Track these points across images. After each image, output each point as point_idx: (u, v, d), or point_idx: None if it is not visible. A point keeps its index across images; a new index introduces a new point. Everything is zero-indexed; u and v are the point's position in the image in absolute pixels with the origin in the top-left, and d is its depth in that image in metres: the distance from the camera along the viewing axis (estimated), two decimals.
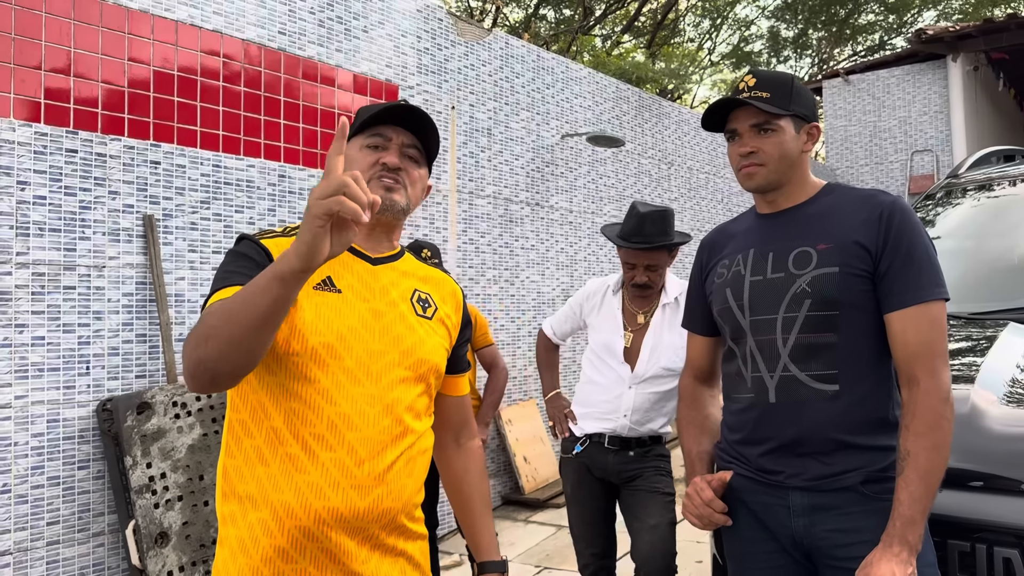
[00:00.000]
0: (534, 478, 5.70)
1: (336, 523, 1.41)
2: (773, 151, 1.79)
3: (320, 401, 1.42)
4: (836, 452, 1.71)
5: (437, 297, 1.66)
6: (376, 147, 1.54)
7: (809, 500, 1.73)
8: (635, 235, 2.84)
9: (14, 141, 3.21)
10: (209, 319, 1.26)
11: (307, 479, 1.40)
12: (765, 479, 1.79)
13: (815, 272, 1.73)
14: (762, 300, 1.80)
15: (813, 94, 1.87)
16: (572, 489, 2.99)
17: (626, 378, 2.88)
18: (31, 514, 3.22)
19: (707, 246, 2.03)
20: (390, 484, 1.47)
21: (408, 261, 1.66)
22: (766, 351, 1.78)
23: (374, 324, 1.50)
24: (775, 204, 1.87)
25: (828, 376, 1.72)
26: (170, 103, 3.72)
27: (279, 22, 4.22)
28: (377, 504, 1.45)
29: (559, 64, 6.44)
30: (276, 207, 4.17)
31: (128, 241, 3.56)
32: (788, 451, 1.75)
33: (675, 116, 8.02)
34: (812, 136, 1.83)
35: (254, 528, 1.41)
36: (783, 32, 17.83)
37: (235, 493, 1.44)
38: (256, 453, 1.43)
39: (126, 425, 3.36)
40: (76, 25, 3.39)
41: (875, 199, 1.76)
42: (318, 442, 1.41)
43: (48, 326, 3.30)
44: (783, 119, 1.79)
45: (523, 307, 5.95)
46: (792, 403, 1.74)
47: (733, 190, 9.03)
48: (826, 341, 1.72)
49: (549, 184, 6.25)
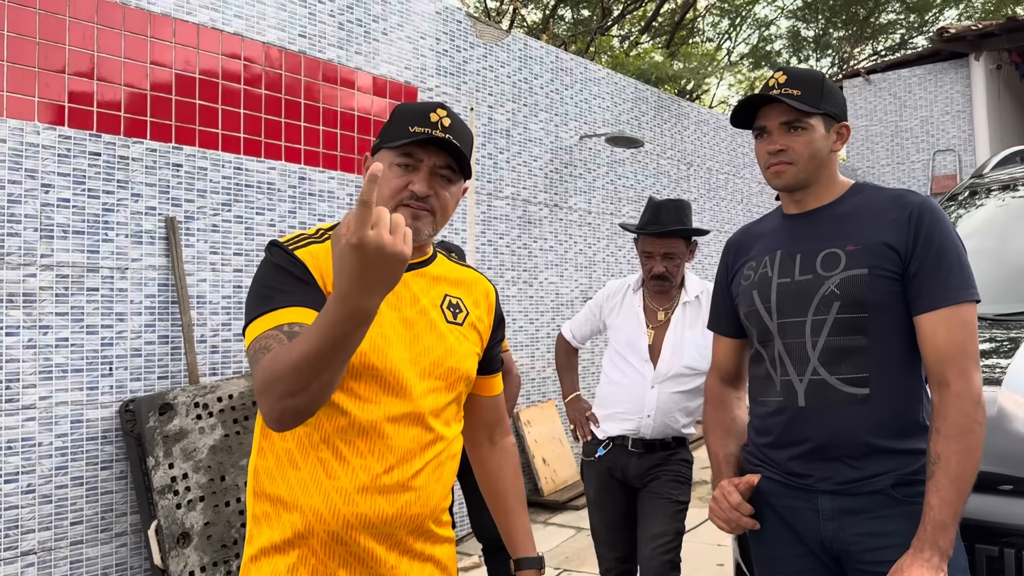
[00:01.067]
0: (553, 480, 5.69)
1: (364, 529, 1.42)
2: (803, 150, 1.77)
3: (352, 408, 1.43)
4: (867, 456, 1.69)
5: (469, 301, 1.64)
6: (407, 166, 1.48)
7: (838, 504, 1.71)
8: (651, 224, 2.88)
9: (39, 144, 3.24)
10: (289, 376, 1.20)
11: (336, 485, 1.41)
12: (794, 482, 1.77)
13: (844, 274, 1.71)
14: (790, 302, 1.78)
15: (843, 96, 1.85)
16: (595, 493, 2.97)
17: (648, 377, 2.87)
18: (55, 514, 3.25)
19: (733, 247, 2.01)
20: (418, 490, 1.47)
21: (440, 264, 1.64)
22: (795, 354, 1.76)
23: (405, 333, 1.50)
24: (802, 204, 1.85)
25: (858, 380, 1.70)
26: (192, 106, 3.75)
27: (299, 25, 4.24)
28: (405, 510, 1.45)
29: (578, 65, 6.43)
30: (297, 209, 4.19)
31: (151, 243, 3.59)
32: (818, 455, 1.73)
33: (694, 116, 7.98)
34: (842, 136, 1.81)
35: (286, 530, 1.43)
36: (803, 32, 17.71)
37: (266, 494, 1.46)
38: (288, 456, 1.44)
39: (148, 426, 3.38)
40: (99, 29, 3.42)
41: (904, 199, 1.74)
42: (349, 448, 1.42)
43: (72, 327, 3.32)
44: (813, 117, 1.76)
45: (541, 308, 5.94)
46: (822, 407, 1.72)
47: (753, 190, 8.97)
48: (856, 344, 1.70)
49: (568, 185, 6.24)
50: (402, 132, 1.48)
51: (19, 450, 3.16)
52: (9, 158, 3.16)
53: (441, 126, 1.48)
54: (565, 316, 6.12)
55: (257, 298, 1.40)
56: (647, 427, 2.86)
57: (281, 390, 1.23)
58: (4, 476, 3.12)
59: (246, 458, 3.68)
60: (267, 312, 1.36)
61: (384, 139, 1.52)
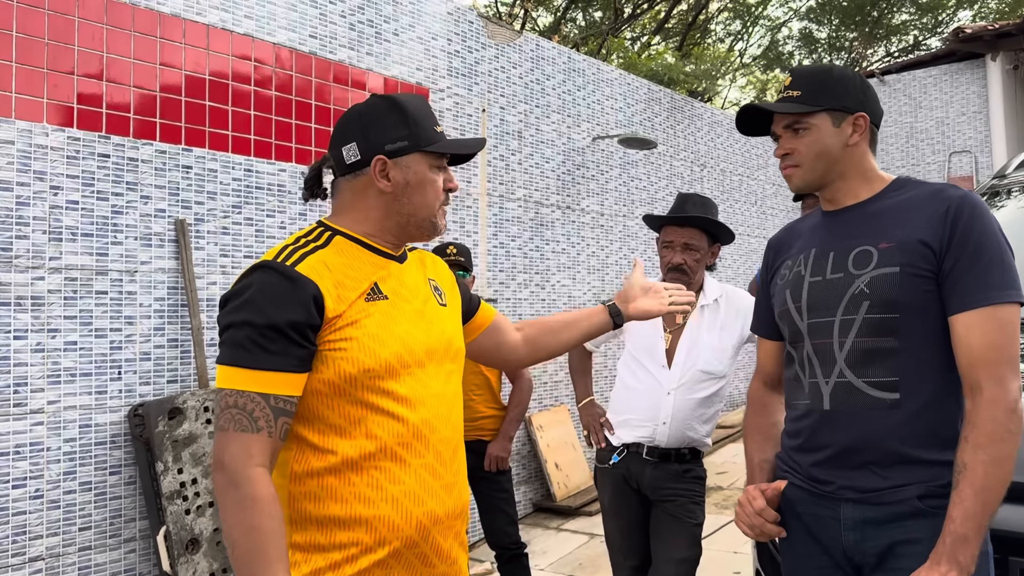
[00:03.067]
0: (566, 485, 5.63)
1: (434, 526, 1.45)
2: (807, 150, 1.71)
3: (402, 410, 1.43)
4: (894, 465, 1.60)
5: (440, 280, 1.69)
6: (440, 168, 1.56)
7: (861, 513, 1.63)
8: (676, 213, 2.85)
9: (47, 146, 3.21)
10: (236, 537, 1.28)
11: (403, 489, 1.41)
12: (817, 489, 1.70)
13: (874, 272, 1.63)
14: (820, 302, 1.71)
15: (864, 83, 1.76)
16: (609, 501, 2.91)
17: (664, 383, 2.81)
18: (63, 519, 3.21)
19: (774, 246, 1.94)
20: (461, 476, 1.54)
21: (410, 256, 1.66)
22: (822, 355, 1.70)
23: (420, 323, 1.52)
24: (835, 201, 1.77)
25: (888, 384, 1.61)
26: (202, 107, 3.71)
27: (310, 26, 4.20)
28: (459, 499, 1.52)
29: (590, 66, 6.37)
30: (307, 211, 4.15)
31: (160, 246, 3.56)
32: (842, 461, 1.66)
33: (708, 117, 7.91)
34: (859, 127, 1.72)
35: (346, 548, 1.38)
36: (816, 33, 17.60)
37: (312, 519, 1.40)
38: (334, 475, 1.39)
39: (157, 430, 3.34)
40: (108, 30, 3.39)
41: (943, 193, 1.64)
42: (407, 450, 1.43)
43: (80, 331, 3.29)
44: (815, 116, 1.70)
45: (553, 311, 5.88)
46: (847, 411, 1.65)
47: (767, 192, 8.89)
48: (886, 346, 1.61)
49: (580, 187, 6.19)
50: (431, 134, 1.53)
51: (27, 455, 3.13)
52: (18, 160, 3.13)
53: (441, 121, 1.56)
54: None
55: (247, 339, 1.33)
56: (662, 434, 2.80)
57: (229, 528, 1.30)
58: (12, 481, 3.09)
59: None
60: (255, 369, 1.32)
61: (420, 141, 1.50)
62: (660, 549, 2.77)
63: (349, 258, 1.48)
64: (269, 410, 1.31)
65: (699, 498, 2.82)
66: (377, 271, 1.50)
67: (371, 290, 1.46)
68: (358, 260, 1.49)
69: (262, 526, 1.27)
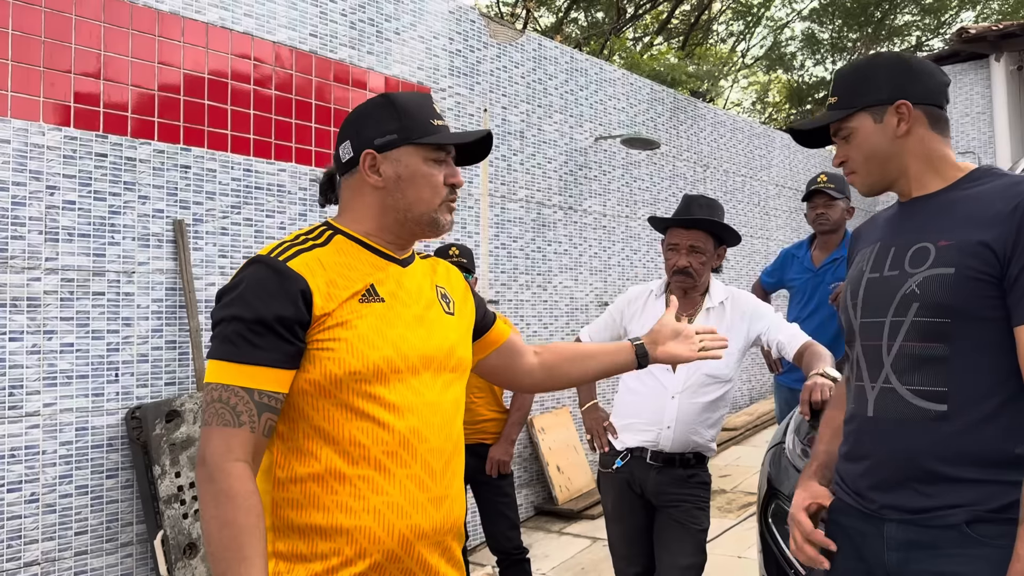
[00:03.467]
0: (568, 488, 5.58)
1: (419, 540, 1.39)
2: (857, 155, 1.63)
3: (389, 417, 1.38)
4: (938, 483, 1.48)
5: (450, 288, 1.63)
6: (440, 161, 1.49)
7: (905, 534, 1.51)
8: (682, 215, 2.80)
9: (44, 145, 3.17)
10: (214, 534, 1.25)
11: (385, 500, 1.36)
12: (861, 505, 1.59)
13: (927, 272, 1.50)
14: (873, 300, 1.60)
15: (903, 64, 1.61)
16: (612, 506, 2.87)
17: (668, 387, 2.76)
18: (59, 523, 3.17)
19: (854, 237, 1.82)
20: (457, 491, 1.47)
21: (418, 260, 1.61)
22: (871, 358, 1.59)
23: (419, 329, 1.46)
24: (905, 194, 1.65)
25: (934, 394, 1.49)
26: (200, 106, 3.67)
27: (310, 24, 4.16)
28: (449, 513, 1.45)
29: (593, 66, 6.33)
30: (307, 211, 4.11)
31: (158, 246, 3.51)
32: (881, 475, 1.54)
33: (711, 118, 7.87)
34: (902, 115, 1.58)
35: (328, 559, 1.34)
36: (818, 34, 17.55)
37: (294, 527, 1.36)
38: (318, 482, 1.36)
39: (155, 434, 3.30)
40: (106, 28, 3.35)
41: (1015, 188, 1.48)
42: (392, 460, 1.37)
43: (77, 332, 3.25)
44: (853, 119, 1.62)
45: (555, 313, 5.84)
46: (890, 420, 1.54)
47: (770, 193, 8.85)
48: (934, 353, 1.49)
49: (582, 187, 6.14)
50: (427, 127, 1.47)
51: (23, 458, 3.09)
52: (14, 159, 3.09)
53: (444, 116, 1.55)
54: (579, 320, 6.02)
55: (235, 334, 1.32)
56: (667, 439, 2.75)
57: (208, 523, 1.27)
58: (7, 485, 3.05)
59: None
60: (241, 363, 1.31)
61: (411, 134, 1.46)
62: (664, 556, 2.73)
63: (347, 257, 1.45)
64: (253, 405, 1.29)
65: (704, 503, 2.78)
66: (375, 272, 1.46)
67: (366, 291, 1.42)
68: (356, 260, 1.46)
69: (237, 521, 1.23)
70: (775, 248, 8.69)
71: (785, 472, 2.46)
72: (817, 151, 10.22)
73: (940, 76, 1.63)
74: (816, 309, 3.94)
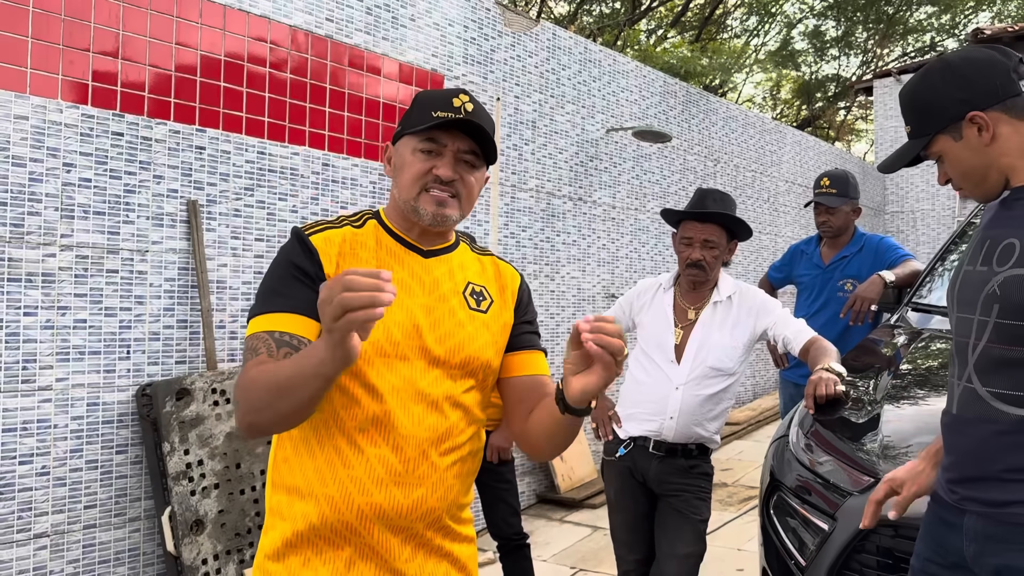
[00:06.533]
0: (570, 477, 5.62)
1: (378, 519, 1.40)
2: (955, 174, 1.59)
3: (365, 396, 1.40)
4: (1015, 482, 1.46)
5: (494, 288, 1.59)
6: (430, 152, 1.47)
7: (983, 527, 1.50)
8: (697, 209, 2.81)
9: (61, 123, 3.20)
10: (258, 391, 1.28)
11: (351, 474, 1.39)
12: (947, 496, 1.59)
13: (1009, 272, 1.44)
14: (966, 295, 1.55)
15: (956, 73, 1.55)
16: (615, 494, 2.90)
17: (673, 378, 2.79)
18: (69, 497, 3.22)
19: None
20: (436, 484, 1.44)
21: (463, 252, 1.60)
22: (960, 354, 1.56)
23: (423, 320, 1.46)
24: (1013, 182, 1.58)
25: (1015, 398, 1.44)
26: (216, 88, 3.70)
27: (327, 9, 4.18)
28: (421, 503, 1.42)
29: (606, 57, 6.33)
30: (320, 195, 4.14)
31: (171, 226, 3.55)
32: (964, 470, 1.54)
33: (723, 112, 7.86)
34: (976, 123, 1.51)
35: (298, 520, 1.41)
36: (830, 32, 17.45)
37: (284, 484, 1.45)
38: (305, 445, 1.43)
39: (165, 411, 3.34)
40: (125, 7, 3.37)
41: None
42: (364, 437, 1.40)
43: (90, 309, 3.29)
44: (933, 144, 1.58)
45: (563, 303, 5.86)
46: (970, 419, 1.52)
47: (780, 189, 8.84)
48: (1015, 356, 1.43)
49: (593, 179, 6.16)
50: (425, 117, 1.46)
51: (34, 432, 3.13)
52: (31, 136, 3.12)
53: (464, 111, 1.46)
54: (586, 311, 6.05)
55: (263, 292, 1.44)
56: (669, 429, 2.78)
57: (250, 400, 1.29)
58: (19, 457, 3.09)
59: (262, 446, 3.63)
60: (266, 312, 1.40)
61: (406, 125, 1.51)
62: (664, 544, 2.76)
63: (370, 240, 1.51)
64: (272, 342, 1.35)
65: (705, 494, 2.81)
66: (387, 259, 1.49)
67: None
68: (376, 244, 1.51)
69: (270, 369, 1.28)
70: (783, 244, 8.69)
71: (788, 465, 2.49)
72: (828, 149, 10.19)
73: (1000, 63, 1.53)
74: (824, 305, 3.95)
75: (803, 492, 2.35)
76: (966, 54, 1.58)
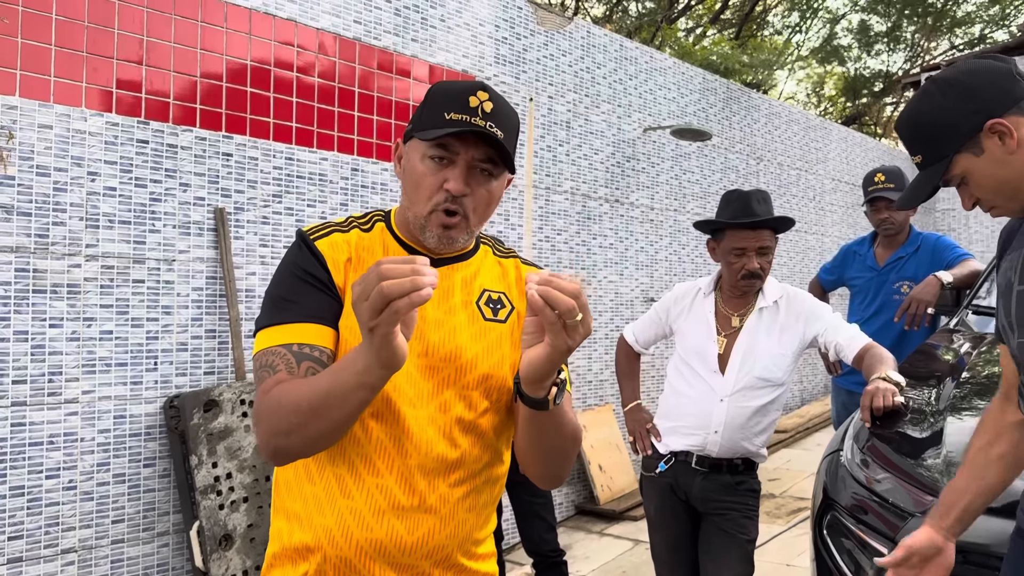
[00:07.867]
0: (610, 488, 5.46)
1: (378, 556, 1.27)
2: (984, 192, 1.44)
3: (369, 420, 1.27)
4: None
5: (514, 294, 1.43)
6: (442, 159, 1.30)
7: None
8: (743, 215, 2.59)
9: (85, 131, 3.15)
10: (285, 412, 1.15)
11: (350, 505, 1.27)
12: None
13: None
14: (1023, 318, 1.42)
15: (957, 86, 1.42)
16: (656, 511, 2.75)
17: (717, 390, 2.63)
18: (96, 511, 3.16)
19: (1003, 235, 1.62)
20: (445, 517, 1.30)
21: (482, 256, 1.44)
22: None
23: (431, 335, 1.31)
24: None
25: None
26: (243, 94, 3.63)
27: (354, 11, 4.09)
28: (428, 539, 1.28)
29: (643, 54, 6.17)
30: (349, 201, 4.05)
31: (199, 234, 3.48)
32: None
33: (765, 108, 7.64)
34: (997, 131, 1.39)
35: (298, 551, 1.30)
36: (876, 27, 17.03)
37: (284, 508, 1.34)
38: (305, 470, 1.31)
39: (193, 423, 3.27)
40: (149, 13, 3.32)
41: None
42: (365, 465, 1.27)
43: (116, 320, 3.24)
44: (953, 167, 1.44)
45: (600, 308, 5.71)
46: None
47: (826, 187, 8.58)
48: None
49: (630, 180, 6.00)
50: (437, 119, 1.29)
51: (61, 445, 3.08)
52: (56, 145, 3.08)
53: (482, 111, 1.27)
54: (624, 316, 5.88)
55: (271, 301, 1.30)
56: (714, 444, 2.62)
57: (277, 424, 1.16)
58: (46, 472, 3.04)
59: None
60: (277, 324, 1.27)
61: (417, 124, 1.33)
62: (709, 566, 2.60)
63: (376, 245, 1.37)
64: (291, 356, 1.23)
65: (752, 512, 2.65)
66: None
67: None
68: (385, 252, 1.36)
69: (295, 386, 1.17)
70: (830, 244, 8.42)
71: (842, 482, 2.32)
72: (875, 146, 9.89)
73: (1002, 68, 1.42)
74: (879, 310, 3.75)
75: (859, 512, 2.19)
76: (961, 68, 1.45)
